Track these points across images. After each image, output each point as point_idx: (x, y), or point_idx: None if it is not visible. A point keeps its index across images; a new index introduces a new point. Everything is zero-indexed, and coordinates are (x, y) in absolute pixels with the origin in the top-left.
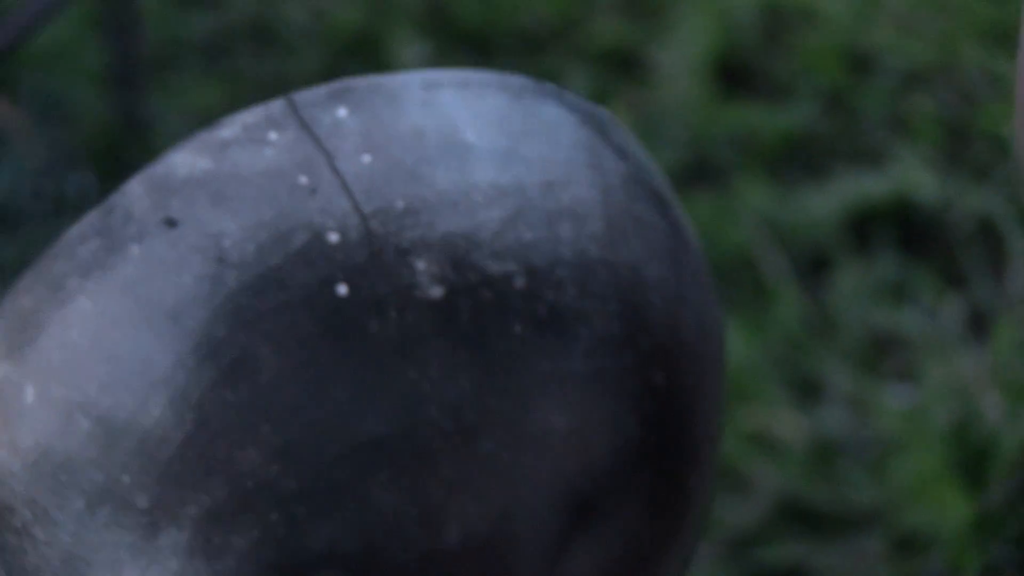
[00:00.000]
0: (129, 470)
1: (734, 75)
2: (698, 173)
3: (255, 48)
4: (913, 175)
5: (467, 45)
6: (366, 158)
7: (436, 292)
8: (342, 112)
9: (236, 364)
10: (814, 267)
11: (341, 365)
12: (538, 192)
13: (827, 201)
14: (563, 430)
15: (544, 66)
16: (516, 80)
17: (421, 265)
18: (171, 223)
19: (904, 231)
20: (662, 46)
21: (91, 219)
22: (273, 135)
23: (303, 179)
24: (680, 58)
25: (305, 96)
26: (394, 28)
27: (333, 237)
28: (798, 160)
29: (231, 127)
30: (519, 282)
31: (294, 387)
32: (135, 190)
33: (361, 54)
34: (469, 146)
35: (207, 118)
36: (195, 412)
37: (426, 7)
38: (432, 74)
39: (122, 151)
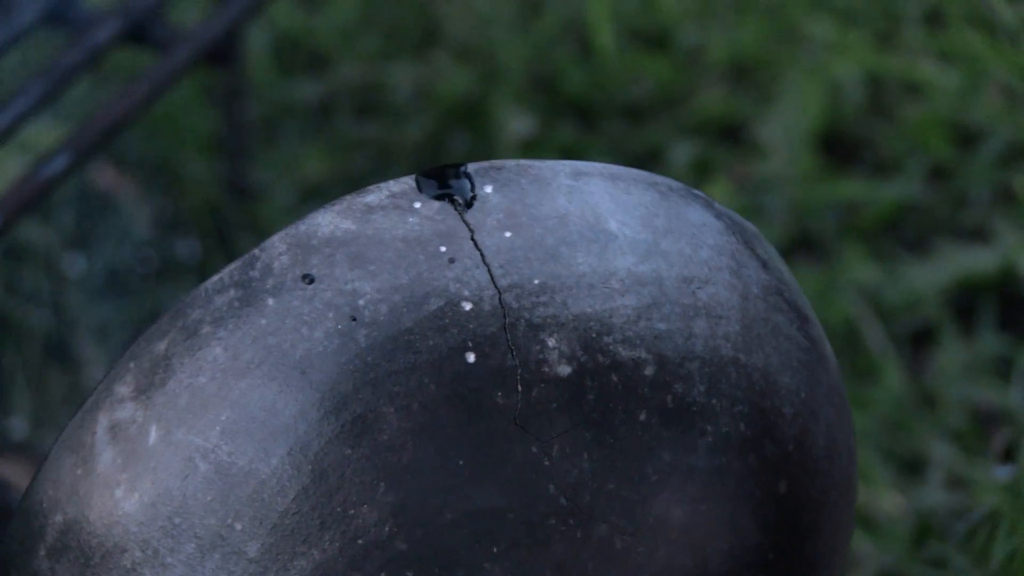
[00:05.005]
0: (242, 518)
1: (838, 147)
2: (801, 245)
3: (360, 115)
4: (1018, 250)
5: (572, 114)
6: (507, 234)
7: (564, 370)
8: (488, 188)
9: (358, 421)
10: (917, 341)
11: (463, 432)
12: (675, 286)
13: (931, 275)
14: (680, 524)
15: (648, 136)
16: (666, 180)
17: (551, 342)
18: (308, 279)
19: (1008, 306)
20: (766, 118)
21: (230, 270)
22: (418, 204)
23: (443, 248)
24: (784, 130)
25: (453, 171)
26: (499, 97)
27: (467, 306)
28: (902, 233)
29: (377, 193)
30: (648, 370)
31: (414, 449)
32: (277, 246)
33: (466, 122)
34: (611, 235)
35: (311, 185)
36: (313, 465)
37: (531, 76)
38: (582, 164)
39: (227, 218)
